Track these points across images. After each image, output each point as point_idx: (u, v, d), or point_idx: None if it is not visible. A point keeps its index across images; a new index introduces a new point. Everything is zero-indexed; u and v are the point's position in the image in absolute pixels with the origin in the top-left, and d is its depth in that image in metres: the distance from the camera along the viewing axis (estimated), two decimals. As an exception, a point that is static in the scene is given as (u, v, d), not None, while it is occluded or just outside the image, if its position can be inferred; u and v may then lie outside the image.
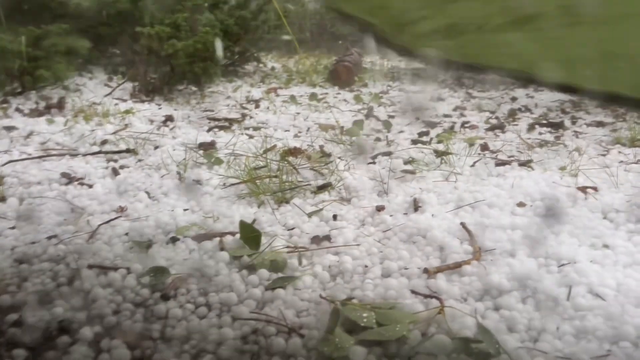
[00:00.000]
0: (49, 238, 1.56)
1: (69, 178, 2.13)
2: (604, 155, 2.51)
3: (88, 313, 1.18)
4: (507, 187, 1.94)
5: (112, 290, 1.27)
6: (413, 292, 1.26)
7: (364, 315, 1.14)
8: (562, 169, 2.19)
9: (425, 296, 1.24)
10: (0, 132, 2.77)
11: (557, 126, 3.26)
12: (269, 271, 1.36)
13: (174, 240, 1.56)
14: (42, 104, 3.44)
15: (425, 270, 1.35)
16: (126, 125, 3.00)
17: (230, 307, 1.21)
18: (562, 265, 1.34)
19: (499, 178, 2.07)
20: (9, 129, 2.84)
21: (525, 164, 2.28)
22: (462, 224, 1.59)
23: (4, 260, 1.43)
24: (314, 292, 1.28)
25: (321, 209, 1.79)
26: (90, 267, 1.38)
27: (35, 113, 3.23)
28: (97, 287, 1.27)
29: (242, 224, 1.54)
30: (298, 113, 3.56)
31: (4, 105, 3.41)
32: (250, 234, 1.51)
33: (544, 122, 3.40)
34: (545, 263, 1.37)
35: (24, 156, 2.40)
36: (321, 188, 2.00)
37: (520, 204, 1.75)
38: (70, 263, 1.39)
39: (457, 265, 1.38)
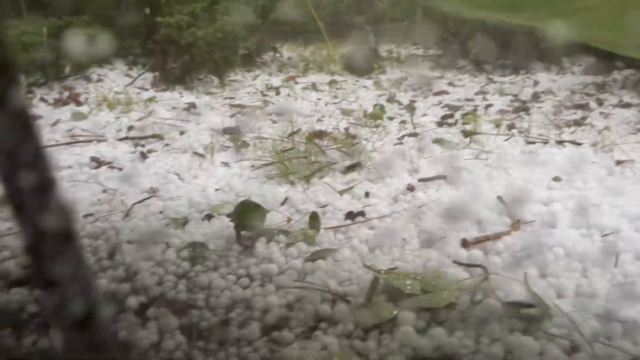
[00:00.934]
0: (85, 216, 1.57)
1: (98, 162, 2.14)
2: (634, 133, 2.47)
3: (132, 285, 1.19)
4: (539, 163, 1.91)
5: (153, 263, 1.28)
6: (455, 262, 1.25)
7: (408, 283, 1.13)
8: (595, 144, 2.15)
9: (469, 265, 1.22)
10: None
11: (582, 108, 3.20)
12: (306, 245, 1.36)
13: (209, 217, 1.56)
14: (66, 94, 3.47)
15: (464, 242, 1.33)
16: (150, 112, 3.01)
17: (271, 277, 1.21)
18: (606, 235, 1.32)
19: (531, 155, 2.05)
20: (35, 118, 2.86)
21: (558, 142, 2.24)
22: (499, 198, 1.56)
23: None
24: (354, 263, 1.27)
25: (352, 187, 1.79)
26: (129, 242, 1.38)
27: (60, 103, 3.26)
28: (138, 260, 1.28)
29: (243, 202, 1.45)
30: (319, 99, 3.55)
31: (29, 95, 3.44)
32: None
33: (569, 104, 3.34)
34: (587, 233, 1.34)
35: (52, 143, 2.41)
36: (350, 168, 1.99)
37: (556, 179, 1.73)
38: (109, 238, 1.40)
39: (497, 237, 1.36)
